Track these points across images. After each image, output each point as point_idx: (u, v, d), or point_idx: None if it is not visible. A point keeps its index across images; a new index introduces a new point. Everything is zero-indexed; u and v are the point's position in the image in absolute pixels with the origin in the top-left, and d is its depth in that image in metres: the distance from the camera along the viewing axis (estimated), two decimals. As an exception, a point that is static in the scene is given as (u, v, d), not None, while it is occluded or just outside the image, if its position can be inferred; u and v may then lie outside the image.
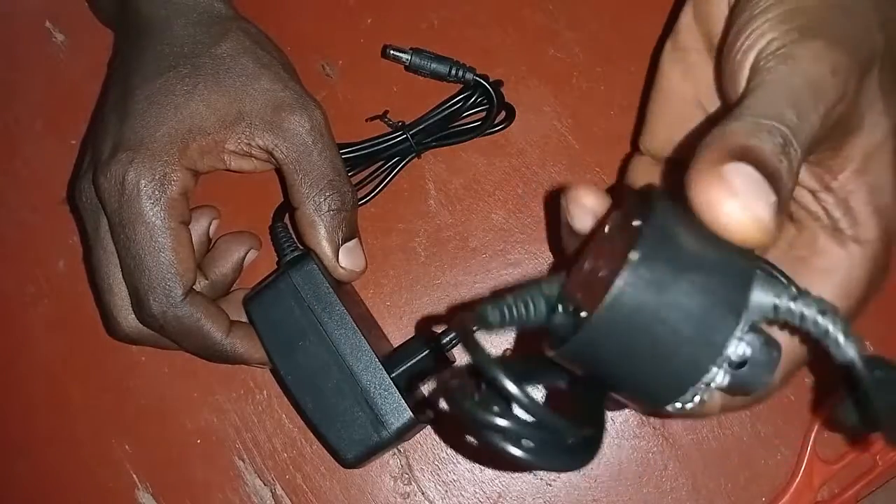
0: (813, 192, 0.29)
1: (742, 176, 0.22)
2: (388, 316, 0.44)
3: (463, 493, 0.43)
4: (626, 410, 0.43)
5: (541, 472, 0.43)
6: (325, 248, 0.37)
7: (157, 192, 0.35)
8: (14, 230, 0.46)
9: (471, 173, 0.44)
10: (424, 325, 0.44)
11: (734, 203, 0.22)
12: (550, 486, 0.43)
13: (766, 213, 0.22)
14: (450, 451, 0.43)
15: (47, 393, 0.45)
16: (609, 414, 0.43)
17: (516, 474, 0.43)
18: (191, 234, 0.37)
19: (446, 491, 0.43)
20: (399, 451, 0.43)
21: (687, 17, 0.34)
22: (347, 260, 0.38)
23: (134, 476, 0.44)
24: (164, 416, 0.44)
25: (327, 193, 0.37)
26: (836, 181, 0.28)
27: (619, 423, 0.43)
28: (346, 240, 0.38)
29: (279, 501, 0.43)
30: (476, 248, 0.44)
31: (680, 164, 0.35)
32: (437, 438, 0.43)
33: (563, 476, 0.43)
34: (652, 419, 0.42)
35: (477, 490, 0.43)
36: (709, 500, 0.42)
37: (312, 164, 0.37)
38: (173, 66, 0.36)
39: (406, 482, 0.43)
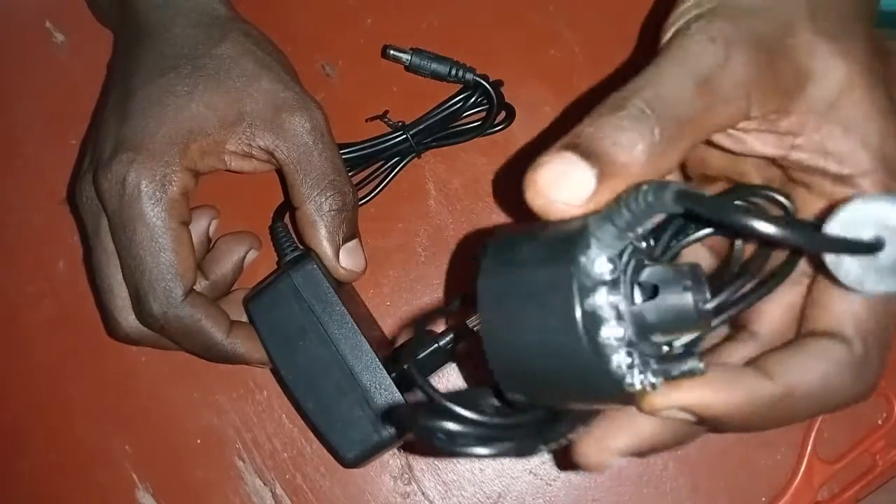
0: (784, 158, 0.27)
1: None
2: (388, 316, 0.44)
3: (463, 493, 0.43)
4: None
5: (541, 473, 0.43)
6: (325, 248, 0.37)
7: (157, 193, 0.35)
8: (14, 230, 0.46)
9: (471, 173, 0.44)
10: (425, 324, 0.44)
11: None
12: (550, 486, 0.43)
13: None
14: (450, 451, 0.43)
15: (47, 393, 0.45)
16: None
17: (516, 474, 0.43)
18: (191, 235, 0.37)
19: (446, 491, 0.43)
20: (399, 451, 0.43)
21: None
22: (348, 260, 0.38)
23: (134, 476, 0.44)
24: (164, 416, 0.44)
25: (328, 193, 0.37)
26: (801, 137, 0.27)
27: (619, 423, 0.43)
28: (346, 240, 0.38)
29: (279, 501, 0.43)
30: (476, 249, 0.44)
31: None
32: (437, 438, 0.43)
33: (564, 476, 0.43)
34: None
35: (477, 490, 0.43)
36: (709, 500, 0.42)
37: (313, 165, 0.37)
38: (174, 67, 0.36)
39: (406, 482, 0.43)
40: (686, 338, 0.25)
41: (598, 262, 0.22)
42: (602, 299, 0.22)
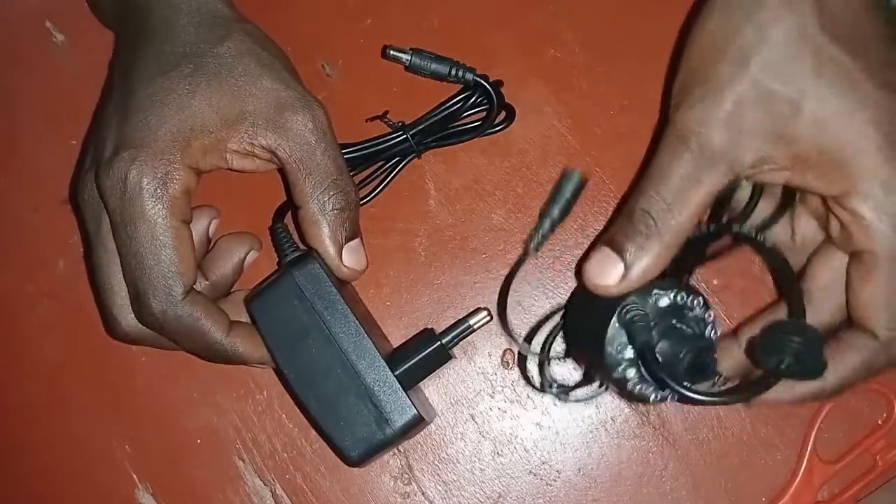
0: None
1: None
2: (388, 316, 0.44)
3: (463, 493, 0.43)
4: (626, 411, 0.43)
5: (541, 473, 0.43)
6: (328, 247, 0.37)
7: (159, 191, 0.35)
8: (14, 230, 0.46)
9: (471, 173, 0.44)
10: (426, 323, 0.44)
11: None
12: (550, 486, 0.43)
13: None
14: (450, 451, 0.43)
15: (47, 393, 0.45)
16: (609, 414, 0.43)
17: (516, 474, 0.43)
18: (192, 234, 0.37)
19: (446, 491, 0.43)
20: (399, 451, 0.43)
21: None
22: (350, 259, 0.38)
23: (134, 476, 0.44)
24: (164, 416, 0.44)
25: (331, 193, 0.37)
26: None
27: (619, 423, 0.43)
28: (349, 239, 0.38)
29: (279, 501, 0.43)
30: (476, 248, 0.44)
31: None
32: (437, 438, 0.43)
33: (564, 476, 0.43)
34: (652, 419, 0.43)
35: (477, 490, 0.43)
36: (709, 500, 0.42)
37: (316, 163, 0.37)
38: (175, 66, 0.36)
39: (406, 482, 0.43)
40: None
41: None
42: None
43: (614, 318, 0.34)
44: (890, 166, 0.31)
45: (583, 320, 0.37)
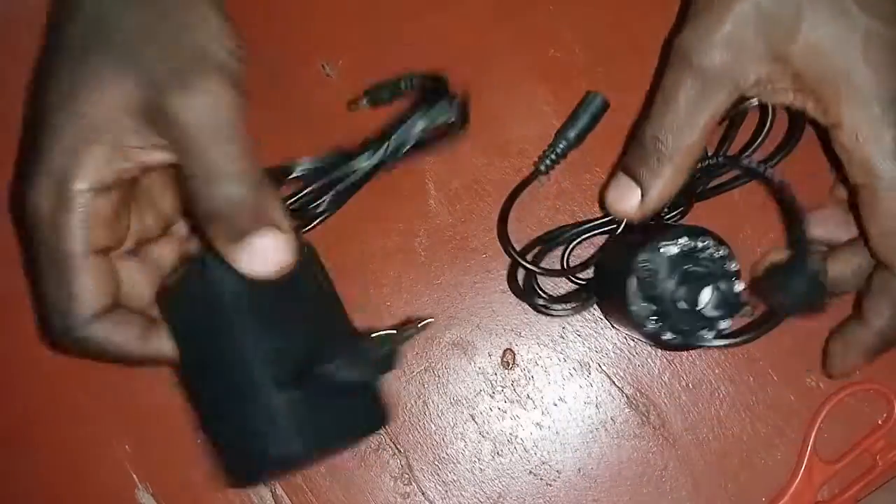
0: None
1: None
2: (387, 316, 0.44)
3: (463, 493, 0.43)
4: (626, 411, 0.43)
5: (541, 473, 0.43)
6: (220, 244, 0.31)
7: (55, 220, 0.32)
8: (14, 230, 0.46)
9: (471, 173, 0.44)
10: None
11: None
12: (550, 486, 0.43)
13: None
14: (450, 451, 0.43)
15: (47, 393, 0.45)
16: (609, 414, 0.43)
17: (516, 474, 0.43)
18: (107, 260, 0.34)
19: (446, 491, 0.43)
20: (399, 451, 0.43)
21: None
22: (249, 260, 0.31)
23: (134, 476, 0.44)
24: (164, 416, 0.44)
25: (220, 184, 0.31)
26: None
27: (619, 423, 0.43)
28: (242, 236, 0.31)
29: (279, 501, 0.43)
30: (476, 248, 0.44)
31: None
32: (437, 438, 0.43)
33: (564, 476, 0.43)
34: (652, 419, 0.43)
35: (477, 490, 0.43)
36: (709, 500, 0.42)
37: (202, 151, 0.31)
38: (87, 49, 0.32)
39: (406, 482, 0.43)
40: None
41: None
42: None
43: (632, 276, 0.35)
44: (877, 97, 0.32)
45: (606, 280, 0.39)
